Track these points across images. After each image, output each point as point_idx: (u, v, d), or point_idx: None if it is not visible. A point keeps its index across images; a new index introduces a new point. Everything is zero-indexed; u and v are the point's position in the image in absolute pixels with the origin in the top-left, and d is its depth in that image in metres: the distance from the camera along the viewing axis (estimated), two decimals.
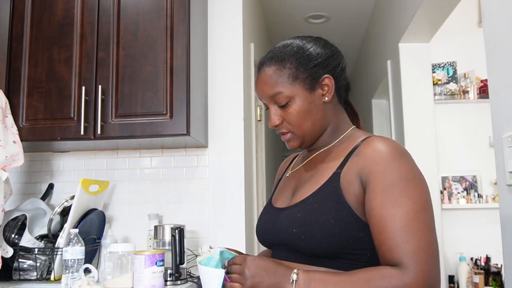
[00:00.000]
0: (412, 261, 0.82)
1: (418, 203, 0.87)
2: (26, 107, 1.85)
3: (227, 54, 2.20)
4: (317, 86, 1.01)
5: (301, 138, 1.03)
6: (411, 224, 0.85)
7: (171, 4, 1.85)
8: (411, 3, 2.48)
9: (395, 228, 0.85)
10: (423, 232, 0.84)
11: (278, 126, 1.03)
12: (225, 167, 2.11)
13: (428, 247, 0.84)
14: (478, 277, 2.58)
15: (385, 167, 0.89)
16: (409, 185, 0.88)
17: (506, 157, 1.15)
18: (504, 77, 1.16)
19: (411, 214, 0.85)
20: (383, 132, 3.82)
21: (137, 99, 1.81)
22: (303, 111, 1.00)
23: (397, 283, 0.82)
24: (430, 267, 0.83)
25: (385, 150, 0.91)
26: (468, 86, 2.82)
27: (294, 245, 0.96)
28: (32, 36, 1.89)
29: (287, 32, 4.11)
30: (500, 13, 1.18)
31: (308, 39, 1.06)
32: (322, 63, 1.02)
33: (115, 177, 2.15)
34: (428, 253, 0.83)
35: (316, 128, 1.02)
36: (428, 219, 0.87)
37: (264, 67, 1.03)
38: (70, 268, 1.56)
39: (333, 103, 1.04)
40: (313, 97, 1.00)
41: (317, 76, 1.01)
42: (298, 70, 1.00)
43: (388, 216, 0.86)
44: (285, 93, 0.99)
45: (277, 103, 1.01)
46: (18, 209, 1.92)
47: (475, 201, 2.74)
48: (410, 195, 0.87)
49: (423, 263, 0.82)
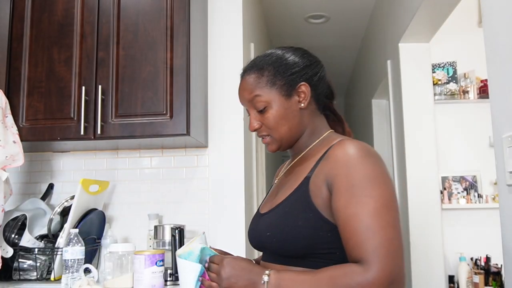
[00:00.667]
0: (374, 257, 0.86)
1: (380, 202, 0.90)
2: (26, 107, 1.85)
3: (227, 54, 2.20)
4: (293, 93, 1.07)
5: (279, 141, 1.09)
6: (373, 222, 0.88)
7: (171, 4, 1.85)
8: (411, 3, 2.48)
9: (358, 227, 0.89)
10: (384, 230, 0.88)
11: (258, 130, 1.10)
12: (225, 167, 2.11)
13: (390, 243, 0.87)
14: (478, 277, 2.58)
15: (349, 169, 0.93)
16: (372, 185, 0.91)
17: (506, 157, 1.15)
18: (504, 77, 1.16)
19: (373, 212, 0.89)
20: (383, 132, 3.82)
21: (137, 99, 1.81)
22: (279, 116, 1.06)
23: (359, 279, 0.85)
24: (392, 263, 0.86)
25: (350, 153, 0.95)
26: (468, 86, 2.82)
27: (269, 247, 1.04)
28: (32, 36, 1.89)
29: (287, 32, 4.11)
30: (500, 13, 1.18)
31: (288, 49, 1.12)
32: (299, 72, 1.07)
33: (115, 177, 2.15)
34: (390, 249, 0.87)
35: (293, 132, 1.08)
36: (391, 216, 0.90)
37: (245, 75, 1.10)
38: (70, 268, 1.56)
39: (310, 109, 1.10)
40: (290, 103, 1.06)
41: (293, 83, 1.07)
42: (275, 77, 1.06)
43: (352, 216, 0.90)
44: (262, 97, 1.06)
45: (255, 108, 1.08)
46: (18, 209, 1.92)
47: (475, 201, 2.74)
48: (372, 195, 0.90)
49: (384, 259, 0.86)
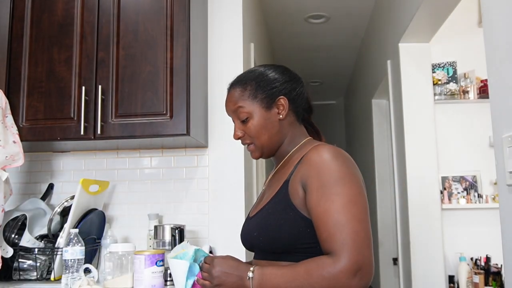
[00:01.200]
0: (342, 249, 0.96)
1: (346, 198, 1.01)
2: (26, 107, 1.85)
3: (227, 54, 2.20)
4: (273, 106, 1.18)
5: (260, 149, 1.20)
6: (340, 217, 0.99)
7: (171, 4, 1.85)
8: (411, 3, 2.48)
9: (328, 222, 1.00)
10: (351, 223, 0.98)
11: (241, 138, 1.22)
12: (225, 167, 2.11)
13: (356, 235, 0.97)
14: (478, 277, 2.58)
15: (319, 170, 1.04)
16: (339, 184, 1.02)
17: (506, 157, 1.15)
18: (504, 77, 1.17)
19: (340, 208, 1.00)
20: (383, 132, 3.82)
21: (137, 99, 1.81)
22: (260, 126, 1.18)
23: (330, 269, 0.96)
24: (357, 253, 0.96)
25: (321, 156, 1.06)
26: (468, 86, 2.82)
27: (257, 246, 1.15)
28: (32, 36, 1.89)
29: (287, 32, 4.11)
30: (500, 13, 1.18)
31: (270, 66, 1.24)
32: (279, 87, 1.19)
33: (115, 177, 2.15)
34: (356, 241, 0.97)
35: (273, 140, 1.19)
36: (357, 211, 1.00)
37: (230, 88, 1.23)
38: (70, 268, 1.56)
39: (289, 120, 1.20)
40: (269, 115, 1.18)
41: (273, 97, 1.18)
42: (257, 91, 1.18)
43: (322, 212, 1.01)
44: (245, 109, 1.18)
45: (239, 118, 1.20)
46: (18, 209, 1.92)
47: (475, 201, 2.74)
48: (339, 192, 1.01)
49: (351, 249, 0.96)
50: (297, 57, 4.83)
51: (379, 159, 3.87)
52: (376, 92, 3.73)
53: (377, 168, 3.86)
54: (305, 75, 5.35)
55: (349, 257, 0.95)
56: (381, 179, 3.85)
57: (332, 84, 5.80)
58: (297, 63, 4.99)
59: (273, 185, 1.20)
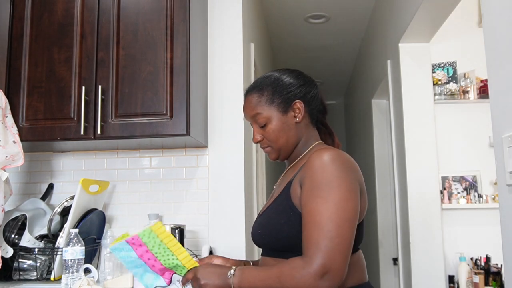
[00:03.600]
0: (313, 251, 1.00)
1: (331, 202, 1.03)
2: (26, 107, 1.85)
3: (227, 54, 2.20)
4: (289, 109, 1.22)
5: (277, 151, 1.25)
6: (320, 219, 1.02)
7: (171, 4, 1.85)
8: (411, 3, 2.48)
9: (309, 223, 1.03)
10: (328, 227, 1.00)
11: (260, 142, 1.26)
12: (225, 167, 2.11)
13: (330, 240, 0.99)
14: (478, 277, 2.58)
15: (314, 172, 1.07)
16: (328, 187, 1.04)
17: (506, 157, 1.15)
18: (504, 77, 1.17)
19: (323, 210, 1.02)
20: (383, 132, 3.82)
21: (137, 99, 1.81)
22: (278, 130, 1.22)
23: (300, 271, 1.00)
24: (328, 257, 0.98)
25: (320, 159, 1.08)
26: (468, 86, 2.82)
27: (262, 243, 1.21)
28: (32, 36, 1.89)
29: (287, 32, 4.11)
30: (500, 13, 1.18)
31: (285, 71, 1.28)
32: (294, 91, 1.23)
33: (115, 177, 2.15)
34: (328, 246, 0.99)
35: (290, 143, 1.24)
36: (338, 216, 1.02)
37: (247, 94, 1.27)
38: (70, 268, 1.56)
39: (304, 123, 1.25)
40: (286, 118, 1.22)
41: (289, 101, 1.22)
42: (274, 96, 1.22)
43: (307, 212, 1.05)
44: (263, 114, 1.22)
45: (257, 123, 1.24)
46: (18, 209, 1.92)
47: (475, 201, 2.74)
48: (325, 195, 1.03)
49: (321, 253, 0.98)
50: (297, 57, 4.83)
51: (379, 159, 3.86)
52: (376, 92, 3.73)
53: (377, 168, 3.86)
54: None
55: (318, 260, 0.98)
56: (381, 179, 3.84)
57: (332, 84, 5.80)
58: (297, 63, 4.98)
59: (280, 185, 1.25)
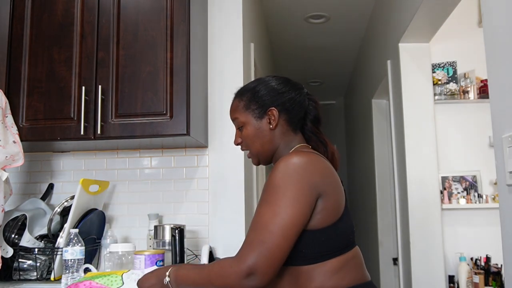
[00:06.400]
0: (243, 251, 1.03)
1: (271, 207, 1.05)
2: (26, 107, 1.85)
3: (227, 54, 2.20)
4: (264, 116, 1.25)
5: (256, 156, 1.29)
6: (257, 221, 1.05)
7: (171, 4, 1.85)
8: (411, 3, 2.48)
9: (251, 223, 1.07)
10: (261, 231, 1.03)
11: (240, 144, 1.30)
12: (225, 167, 2.11)
13: (261, 243, 1.02)
14: (478, 277, 2.58)
15: (269, 177, 1.10)
16: (272, 192, 1.06)
17: (506, 157, 1.15)
18: (504, 77, 1.17)
19: (262, 214, 1.05)
20: (383, 132, 3.82)
21: (137, 99, 1.81)
22: (252, 135, 1.26)
23: (228, 269, 1.03)
24: (255, 259, 1.00)
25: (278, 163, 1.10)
26: (468, 86, 2.82)
27: None
28: (32, 36, 1.89)
29: (287, 32, 4.11)
30: (500, 13, 1.19)
31: (271, 78, 1.30)
32: (271, 98, 1.25)
33: (115, 177, 2.15)
34: (257, 248, 1.01)
35: (265, 149, 1.26)
36: (274, 221, 1.03)
37: (233, 98, 1.33)
38: (70, 268, 1.56)
39: (281, 130, 1.25)
40: (260, 124, 1.25)
41: (264, 108, 1.25)
42: (250, 102, 1.26)
43: (254, 214, 1.09)
44: (240, 119, 1.28)
45: (237, 126, 1.30)
46: (18, 209, 1.92)
47: (475, 201, 2.74)
48: (268, 200, 1.06)
49: (249, 254, 1.01)
50: (297, 57, 4.83)
51: (379, 159, 3.86)
52: (376, 92, 3.73)
53: (377, 168, 3.86)
54: (305, 75, 5.37)
55: (246, 261, 1.01)
56: (381, 179, 3.84)
57: (332, 84, 5.80)
58: (297, 63, 4.98)
59: None
